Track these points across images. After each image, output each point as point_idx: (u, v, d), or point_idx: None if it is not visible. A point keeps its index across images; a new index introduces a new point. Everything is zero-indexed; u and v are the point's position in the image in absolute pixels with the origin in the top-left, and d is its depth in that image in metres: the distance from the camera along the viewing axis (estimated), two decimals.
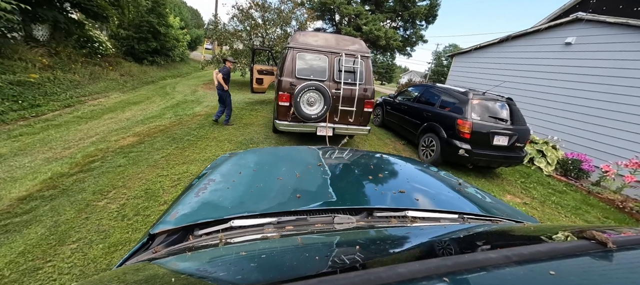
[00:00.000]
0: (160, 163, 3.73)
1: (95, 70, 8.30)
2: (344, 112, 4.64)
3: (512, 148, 4.44)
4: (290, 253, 0.63)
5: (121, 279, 0.58)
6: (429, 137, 4.97)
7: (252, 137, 5.17)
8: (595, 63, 5.70)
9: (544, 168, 5.46)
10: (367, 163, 1.44)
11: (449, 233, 0.76)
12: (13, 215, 2.43)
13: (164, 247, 0.77)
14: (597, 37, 5.73)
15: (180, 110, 6.69)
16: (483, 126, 4.29)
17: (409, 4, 14.89)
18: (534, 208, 3.99)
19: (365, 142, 5.83)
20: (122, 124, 5.26)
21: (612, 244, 0.48)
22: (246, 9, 10.97)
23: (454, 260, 0.45)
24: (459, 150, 4.33)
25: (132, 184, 3.13)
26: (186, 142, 4.61)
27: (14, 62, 6.03)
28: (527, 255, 0.46)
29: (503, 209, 1.11)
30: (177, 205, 0.94)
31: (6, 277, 1.82)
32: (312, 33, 4.89)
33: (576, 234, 0.58)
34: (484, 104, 4.50)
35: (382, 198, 1.03)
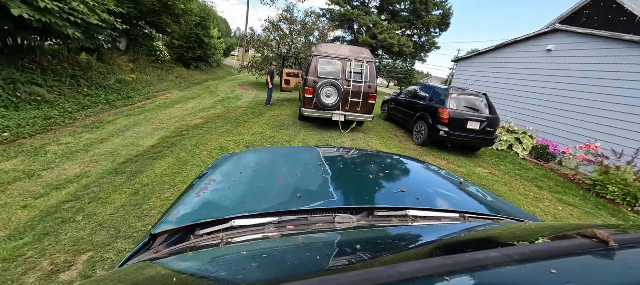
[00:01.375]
0: (224, 134, 5.47)
1: (160, 74, 10.53)
2: (353, 103, 6.15)
3: (484, 132, 5.68)
4: (292, 253, 0.63)
5: (123, 279, 0.58)
6: (420, 124, 6.33)
7: (283, 122, 6.84)
8: (568, 66, 6.72)
9: (520, 153, 6.56)
10: (367, 162, 1.44)
11: (450, 232, 0.77)
12: (152, 154, 4.20)
13: (166, 247, 0.77)
14: (570, 45, 6.75)
15: (226, 104, 8.58)
16: (459, 114, 5.60)
17: (423, 14, 16.10)
18: (497, 177, 5.22)
19: (373, 131, 7.26)
20: (189, 111, 7.17)
21: (613, 243, 0.47)
22: (276, 21, 12.90)
23: (455, 259, 0.44)
24: (440, 132, 5.66)
25: (211, 143, 4.86)
26: (237, 123, 6.37)
27: (111, 66, 8.24)
28: (528, 254, 0.46)
29: (504, 208, 1.10)
30: (178, 206, 0.94)
31: (161, 178, 3.51)
32: (330, 44, 6.49)
33: (578, 233, 0.56)
34: (462, 98, 5.80)
35: (383, 197, 1.03)
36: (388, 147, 5.94)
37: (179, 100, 8.40)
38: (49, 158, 3.68)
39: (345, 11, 16.14)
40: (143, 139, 4.79)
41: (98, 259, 2.07)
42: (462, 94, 5.87)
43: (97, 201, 2.82)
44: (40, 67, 5.74)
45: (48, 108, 5.08)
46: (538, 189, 4.90)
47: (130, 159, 3.90)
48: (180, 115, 6.69)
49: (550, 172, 5.88)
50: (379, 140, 6.44)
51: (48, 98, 5.22)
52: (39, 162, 3.53)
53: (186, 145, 4.64)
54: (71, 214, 2.56)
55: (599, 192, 4.85)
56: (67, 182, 3.13)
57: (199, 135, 5.22)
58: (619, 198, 4.60)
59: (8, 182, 2.99)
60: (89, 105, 5.97)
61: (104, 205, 2.76)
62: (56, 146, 4.06)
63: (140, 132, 5.14)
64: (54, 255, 2.06)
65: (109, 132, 4.90)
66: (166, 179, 3.43)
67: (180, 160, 4.02)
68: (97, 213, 2.62)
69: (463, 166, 5.43)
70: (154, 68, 10.49)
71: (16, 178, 3.10)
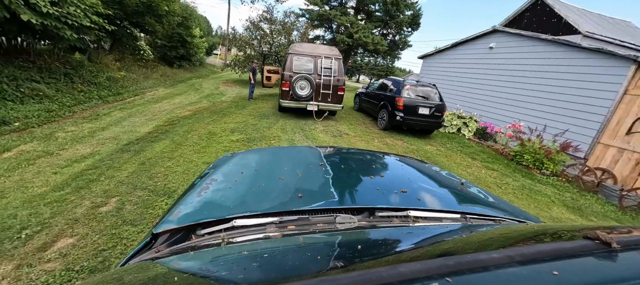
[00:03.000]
0: (211, 123, 6.25)
1: (145, 72, 10.99)
2: (324, 94, 7.09)
3: (433, 116, 6.81)
4: (292, 253, 0.63)
5: (124, 278, 0.59)
6: (383, 111, 7.38)
7: (264, 112, 7.68)
8: (505, 61, 8.01)
9: (466, 134, 7.78)
10: (369, 162, 1.44)
11: (451, 233, 0.77)
12: (149, 138, 4.93)
13: (167, 247, 0.77)
14: (506, 43, 8.05)
15: (211, 99, 9.27)
16: (411, 101, 6.69)
17: (395, 14, 17.33)
18: (441, 152, 6.34)
19: (344, 119, 8.23)
20: (177, 105, 7.84)
21: (616, 244, 0.46)
22: (257, 21, 13.61)
23: (456, 260, 0.45)
24: (397, 117, 6.73)
25: (200, 130, 5.63)
26: (222, 114, 7.14)
27: (99, 65, 8.70)
28: (530, 255, 0.45)
29: (506, 208, 1.10)
30: (179, 205, 0.94)
31: (161, 154, 4.29)
32: (304, 44, 7.40)
33: (580, 234, 0.56)
34: (414, 88, 6.91)
35: (384, 198, 1.02)
36: (355, 132, 6.94)
37: (166, 96, 9.00)
38: (60, 142, 4.34)
39: (323, 11, 17.07)
40: (139, 127, 5.49)
41: (124, 200, 2.88)
42: (414, 85, 6.97)
43: (113, 169, 3.58)
44: (35, 66, 6.24)
45: (48, 102, 5.64)
46: (472, 160, 6.07)
47: (131, 142, 4.62)
48: (169, 108, 7.36)
49: (486, 148, 7.12)
50: (348, 126, 7.44)
51: (48, 93, 5.78)
52: (52, 144, 4.20)
53: (178, 131, 5.40)
54: (95, 177, 3.32)
55: (518, 160, 6.10)
56: (83, 158, 3.85)
57: (188, 124, 5.97)
58: (531, 164, 5.85)
59: (34, 158, 3.67)
60: (84, 100, 6.54)
61: (119, 171, 3.53)
62: (63, 133, 4.71)
63: (136, 122, 5.81)
64: (91, 199, 2.85)
65: (107, 122, 5.55)
66: (165, 154, 4.22)
67: (175, 142, 4.80)
68: (115, 175, 3.40)
69: (414, 144, 6.53)
70: (138, 66, 10.94)
71: (39, 155, 3.78)
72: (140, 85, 9.57)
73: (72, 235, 2.31)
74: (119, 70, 9.11)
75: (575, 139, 5.97)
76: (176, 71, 14.24)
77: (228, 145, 4.87)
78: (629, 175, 5.19)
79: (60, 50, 7.23)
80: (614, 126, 5.52)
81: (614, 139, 5.50)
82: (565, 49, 6.48)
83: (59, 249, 2.14)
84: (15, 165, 3.39)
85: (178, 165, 3.88)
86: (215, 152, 4.49)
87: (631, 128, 5.25)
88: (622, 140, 5.37)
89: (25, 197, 2.76)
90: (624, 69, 5.38)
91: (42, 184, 3.07)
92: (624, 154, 5.32)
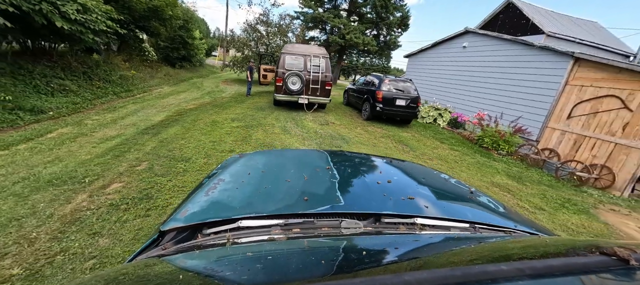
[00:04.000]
0: (214, 114, 7.15)
1: (150, 72, 11.88)
2: (313, 89, 8.02)
3: (408, 107, 7.74)
4: (296, 256, 0.63)
5: (132, 273, 0.60)
6: (366, 104, 8.32)
7: (261, 106, 8.60)
8: (475, 58, 8.97)
9: (441, 123, 8.73)
10: (375, 168, 1.44)
11: (459, 242, 0.75)
12: (163, 124, 5.83)
13: (173, 244, 0.78)
14: (477, 42, 9.01)
15: (213, 95, 10.18)
16: (389, 93, 7.62)
17: (385, 16, 18.31)
18: (415, 137, 7.28)
19: (332, 111, 9.14)
20: (183, 100, 8.73)
21: (634, 262, 0.44)
22: (254, 24, 14.53)
23: (463, 271, 0.43)
24: (377, 108, 7.67)
25: (205, 119, 6.54)
26: (223, 107, 8.04)
27: (111, 65, 9.58)
28: (541, 269, 0.44)
29: (517, 220, 1.06)
30: (187, 204, 0.96)
31: (174, 135, 5.18)
32: (295, 45, 8.35)
33: (595, 249, 0.53)
34: (392, 82, 7.84)
35: (390, 204, 1.00)
36: (341, 121, 7.87)
37: (171, 93, 9.89)
38: (90, 127, 5.23)
39: (317, 14, 18.01)
40: (152, 116, 6.38)
41: (153, 163, 3.78)
42: (393, 81, 7.91)
43: (138, 144, 4.48)
44: (58, 65, 7.12)
45: (73, 96, 6.53)
46: (440, 143, 7.02)
47: (149, 127, 5.52)
48: (176, 102, 8.26)
49: (456, 134, 8.07)
50: (335, 117, 8.36)
51: (72, 88, 6.66)
52: (84, 128, 5.08)
53: (186, 120, 6.30)
54: (126, 149, 4.22)
55: (480, 143, 7.05)
56: (112, 138, 4.74)
57: (194, 114, 6.88)
58: (490, 145, 6.80)
59: (74, 137, 4.56)
60: (101, 95, 7.42)
61: (143, 146, 4.43)
62: (90, 121, 5.60)
63: (149, 113, 6.71)
64: (128, 162, 3.75)
65: (125, 113, 6.44)
66: (178, 135, 5.13)
67: (185, 127, 5.70)
68: (141, 148, 4.30)
69: (392, 132, 7.46)
70: (144, 66, 11.82)
71: (77, 136, 4.67)
72: (147, 83, 10.46)
73: (121, 182, 3.21)
74: (128, 69, 9.99)
75: (529, 125, 6.93)
76: (178, 71, 15.12)
77: (229, 130, 5.78)
78: (569, 152, 6.15)
79: (77, 52, 8.11)
80: (559, 112, 6.48)
81: (558, 123, 6.46)
82: (522, 47, 7.44)
83: (113, 188, 3.05)
84: (61, 142, 4.29)
85: (189, 142, 4.78)
86: (219, 135, 5.40)
87: (570, 113, 6.21)
88: (564, 123, 6.33)
89: (78, 161, 3.66)
90: (565, 63, 6.34)
91: (87, 153, 3.97)
92: (565, 135, 6.28)
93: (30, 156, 3.69)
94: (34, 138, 4.36)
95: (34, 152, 3.84)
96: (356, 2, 18.62)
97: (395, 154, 5.77)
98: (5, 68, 5.71)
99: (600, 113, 5.70)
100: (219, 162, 4.01)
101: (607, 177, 5.42)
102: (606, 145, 5.53)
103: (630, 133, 5.21)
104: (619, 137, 5.36)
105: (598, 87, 5.77)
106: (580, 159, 5.89)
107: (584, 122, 5.96)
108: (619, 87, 5.44)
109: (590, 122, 5.85)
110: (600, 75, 5.76)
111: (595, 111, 5.77)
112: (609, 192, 5.32)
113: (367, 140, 6.40)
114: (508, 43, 7.86)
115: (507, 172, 5.55)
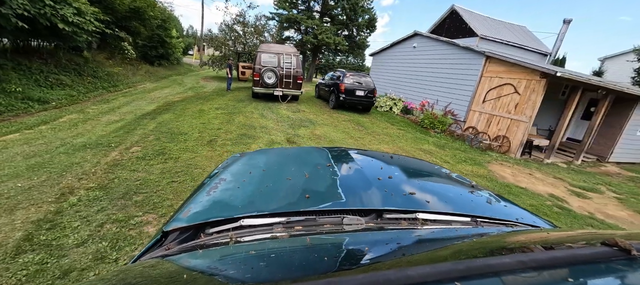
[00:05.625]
0: (199, 104, 8.22)
1: (132, 69, 12.48)
2: (286, 82, 9.32)
3: (366, 97, 9.31)
4: (299, 253, 0.64)
5: (137, 273, 0.60)
6: (332, 95, 9.78)
7: (240, 98, 9.75)
8: (422, 56, 10.77)
9: (396, 111, 10.45)
10: (376, 164, 1.45)
11: (461, 236, 0.76)
12: (156, 112, 6.84)
13: (177, 245, 0.79)
14: (423, 43, 10.82)
15: (195, 90, 11.12)
16: (351, 86, 9.14)
17: (354, 18, 19.99)
18: (371, 121, 8.84)
19: (304, 102, 10.48)
20: (168, 94, 9.64)
21: (636, 252, 0.45)
22: (231, 24, 15.48)
23: (466, 264, 0.44)
24: (340, 98, 9.15)
25: (193, 108, 7.61)
26: (207, 99, 9.10)
27: (95, 62, 10.19)
28: (543, 261, 0.45)
29: (518, 213, 1.08)
30: (189, 204, 0.97)
31: (168, 120, 6.25)
32: (270, 44, 9.60)
33: (597, 240, 0.54)
34: (354, 77, 9.37)
35: (392, 199, 1.01)
36: (310, 109, 9.24)
37: (155, 89, 10.70)
38: (93, 114, 6.14)
39: (291, 15, 19.26)
40: (144, 106, 7.35)
41: (159, 135, 4.90)
42: (354, 75, 9.45)
43: (141, 125, 5.53)
44: (51, 62, 7.79)
45: (69, 89, 7.30)
46: (390, 125, 8.65)
47: (144, 114, 6.53)
48: (162, 96, 9.17)
49: (406, 119, 9.80)
50: (306, 106, 9.73)
51: (68, 83, 7.42)
52: (88, 115, 6.00)
53: (176, 109, 7.35)
54: (132, 128, 5.27)
55: (422, 124, 8.79)
56: (116, 121, 5.73)
57: (182, 105, 7.92)
58: (428, 125, 8.55)
59: (83, 121, 5.51)
60: (92, 89, 8.19)
61: (146, 126, 5.50)
62: (90, 109, 6.49)
63: (140, 104, 7.65)
64: (138, 135, 4.84)
65: (119, 104, 7.33)
66: (172, 119, 6.21)
67: (176, 114, 6.77)
68: (145, 128, 5.37)
69: (352, 117, 8.98)
70: (125, 64, 12.40)
71: (85, 120, 5.61)
72: (130, 79, 11.15)
73: (139, 146, 4.35)
74: (112, 67, 10.64)
75: (458, 109, 8.76)
76: (157, 69, 15.66)
77: (215, 115, 6.94)
78: (484, 128, 8.02)
79: (67, 50, 8.75)
80: (477, 98, 8.35)
81: (477, 106, 8.33)
82: (452, 47, 9.29)
83: (135, 150, 4.18)
84: (75, 124, 5.25)
85: (183, 124, 5.91)
86: (207, 119, 6.55)
87: (485, 98, 8.08)
88: (481, 106, 8.20)
89: (98, 135, 4.70)
90: (480, 59, 8.21)
91: (102, 131, 4.99)
92: (482, 115, 8.16)
93: (55, 133, 4.66)
94: (49, 122, 5.27)
95: (56, 130, 4.80)
96: (328, 4, 20.12)
97: (351, 131, 7.26)
98: (7, 64, 6.41)
99: (502, 97, 7.59)
100: (210, 137, 5.28)
101: (506, 144, 7.31)
102: (506, 120, 7.43)
103: (519, 111, 7.12)
104: (513, 114, 7.26)
105: (501, 78, 7.66)
106: (491, 132, 7.77)
107: (493, 104, 7.85)
108: (512, 77, 7.34)
109: (497, 104, 7.73)
110: (502, 68, 7.66)
111: (499, 96, 7.66)
112: (508, 155, 7.20)
113: (331, 123, 7.84)
114: (443, 43, 9.70)
115: (436, 143, 7.25)
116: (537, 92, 6.73)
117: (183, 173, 3.56)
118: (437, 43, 10.04)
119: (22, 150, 3.74)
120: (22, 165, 3.32)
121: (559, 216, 4.01)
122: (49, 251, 2.06)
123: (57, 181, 3.04)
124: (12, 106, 5.44)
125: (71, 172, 3.26)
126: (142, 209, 2.70)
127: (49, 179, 3.06)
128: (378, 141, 6.66)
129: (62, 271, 1.91)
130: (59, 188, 2.91)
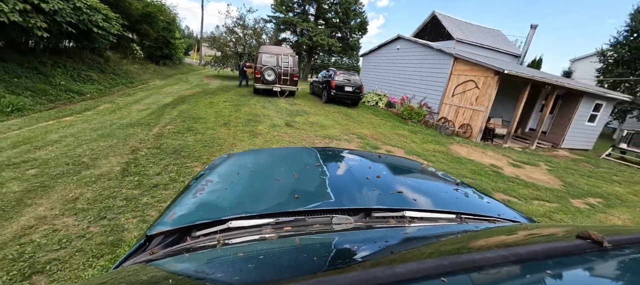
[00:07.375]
0: (209, 97, 9.45)
1: (141, 68, 13.64)
2: (284, 79, 10.61)
3: (354, 93, 10.65)
4: (289, 254, 0.64)
5: (119, 280, 0.59)
6: (325, 91, 11.11)
7: (244, 94, 11.02)
8: (405, 58, 12.17)
9: (381, 105, 11.82)
10: (365, 163, 1.47)
11: (446, 233, 0.78)
12: (173, 104, 8.07)
13: (162, 249, 0.77)
14: (405, 46, 12.21)
15: (201, 87, 12.34)
16: (341, 82, 10.47)
17: (347, 21, 21.39)
18: (359, 113, 10.17)
19: (300, 97, 11.76)
20: (179, 90, 10.86)
21: (607, 244, 0.48)
22: (232, 27, 16.71)
23: (451, 260, 0.46)
24: (331, 93, 10.49)
25: (204, 100, 8.85)
26: (214, 94, 10.35)
27: (113, 61, 11.34)
28: (523, 255, 0.47)
29: (500, 209, 1.13)
30: (174, 207, 0.94)
31: (186, 108, 7.48)
32: (269, 46, 10.89)
33: (572, 234, 0.57)
34: (343, 75, 10.72)
35: (380, 198, 1.03)
36: (306, 103, 10.54)
37: (165, 85, 11.89)
38: (123, 104, 7.35)
39: (287, 18, 20.56)
40: (162, 99, 8.57)
41: (184, 117, 6.15)
42: (343, 73, 10.79)
43: (166, 113, 6.76)
44: (79, 60, 8.96)
45: (98, 84, 8.49)
46: (375, 117, 10.00)
47: (165, 105, 7.75)
48: (174, 91, 10.39)
49: (389, 112, 11.18)
50: (302, 101, 11.03)
51: (95, 78, 8.61)
52: (120, 104, 7.20)
53: (190, 101, 8.58)
54: (160, 114, 6.50)
55: (402, 116, 10.17)
56: (144, 109, 6.95)
57: (194, 98, 9.15)
58: (407, 116, 9.94)
59: (118, 109, 6.72)
60: (115, 85, 9.37)
61: (170, 113, 6.73)
62: (119, 100, 7.69)
63: (158, 97, 8.86)
64: (167, 118, 6.08)
65: (140, 97, 8.54)
66: (189, 109, 7.46)
67: (191, 105, 8.01)
68: (170, 114, 6.61)
69: (342, 110, 10.30)
70: (135, 63, 13.55)
71: (119, 108, 6.81)
72: (142, 77, 12.32)
73: (171, 125, 5.60)
74: (126, 65, 11.81)
75: (433, 102, 10.16)
76: (162, 68, 16.80)
77: (224, 106, 8.19)
78: (453, 118, 9.42)
79: (92, 50, 9.92)
80: (448, 93, 9.75)
81: (448, 99, 9.74)
82: (428, 49, 10.69)
83: (169, 128, 5.43)
84: (113, 111, 6.46)
85: (200, 112, 7.16)
86: (218, 108, 7.80)
87: (453, 92, 9.49)
88: (451, 99, 9.61)
89: (136, 119, 5.93)
90: (450, 60, 9.61)
91: (136, 116, 6.22)
92: (452, 107, 9.56)
93: (101, 117, 5.88)
94: (91, 109, 6.48)
95: (101, 115, 6.02)
96: (322, 8, 21.47)
97: (339, 119, 8.59)
98: (47, 62, 7.59)
99: (466, 91, 9.00)
100: (224, 121, 6.56)
101: (469, 130, 8.72)
102: (469, 111, 8.84)
103: (479, 103, 8.53)
104: (474, 105, 8.67)
105: (466, 75, 9.07)
106: (457, 121, 9.17)
107: (459, 98, 9.26)
108: (474, 74, 8.76)
109: (462, 97, 9.15)
110: (467, 67, 9.07)
111: (464, 90, 9.07)
112: (470, 139, 8.60)
113: (323, 113, 9.16)
114: (421, 46, 11.11)
115: (411, 130, 8.62)
116: (492, 87, 8.15)
117: (210, 141, 4.83)
118: (416, 45, 11.45)
119: (86, 126, 4.97)
120: (94, 135, 4.56)
121: (490, 176, 5.38)
122: (141, 176, 3.33)
123: (125, 143, 4.30)
124: (59, 96, 6.64)
125: (132, 139, 4.52)
126: (189, 159, 3.98)
127: (119, 142, 4.32)
128: (361, 127, 8.00)
129: (152, 184, 3.18)
130: (129, 147, 4.17)
